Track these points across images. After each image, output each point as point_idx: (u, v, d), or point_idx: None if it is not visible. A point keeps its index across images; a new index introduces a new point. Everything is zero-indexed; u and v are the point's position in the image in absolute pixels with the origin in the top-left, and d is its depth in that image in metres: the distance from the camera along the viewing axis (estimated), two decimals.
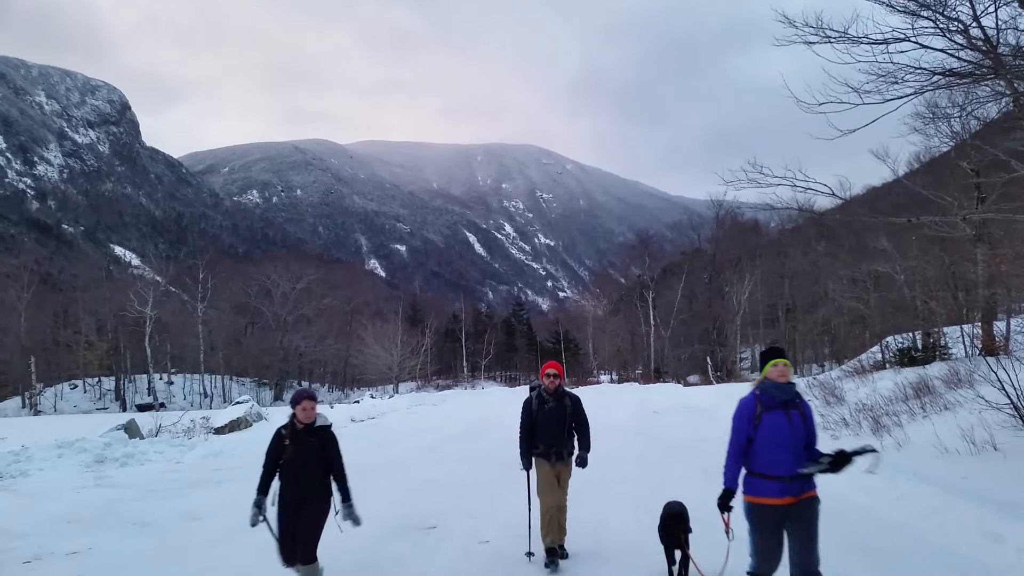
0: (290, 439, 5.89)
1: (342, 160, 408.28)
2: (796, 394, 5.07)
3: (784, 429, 4.89)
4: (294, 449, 5.85)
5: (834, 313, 47.42)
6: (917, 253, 22.58)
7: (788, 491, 4.83)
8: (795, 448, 4.88)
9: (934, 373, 15.26)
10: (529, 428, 7.02)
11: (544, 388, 6.99)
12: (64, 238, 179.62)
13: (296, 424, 5.93)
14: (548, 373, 7.03)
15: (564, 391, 7.08)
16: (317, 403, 6.10)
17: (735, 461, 5.07)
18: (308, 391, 6.26)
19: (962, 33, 9.66)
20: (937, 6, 9.66)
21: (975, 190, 17.79)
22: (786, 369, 5.02)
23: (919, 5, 9.67)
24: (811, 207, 17.23)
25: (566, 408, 6.97)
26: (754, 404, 5.02)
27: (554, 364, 7.18)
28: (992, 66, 9.56)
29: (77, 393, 63.61)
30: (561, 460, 6.97)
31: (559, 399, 6.98)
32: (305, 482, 5.85)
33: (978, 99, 12.20)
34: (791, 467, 4.84)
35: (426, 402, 32.93)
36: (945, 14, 9.66)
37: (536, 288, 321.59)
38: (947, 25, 9.64)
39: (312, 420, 5.93)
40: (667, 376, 54.29)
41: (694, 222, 68.72)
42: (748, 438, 4.99)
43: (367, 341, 62.55)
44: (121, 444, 15.59)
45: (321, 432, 5.97)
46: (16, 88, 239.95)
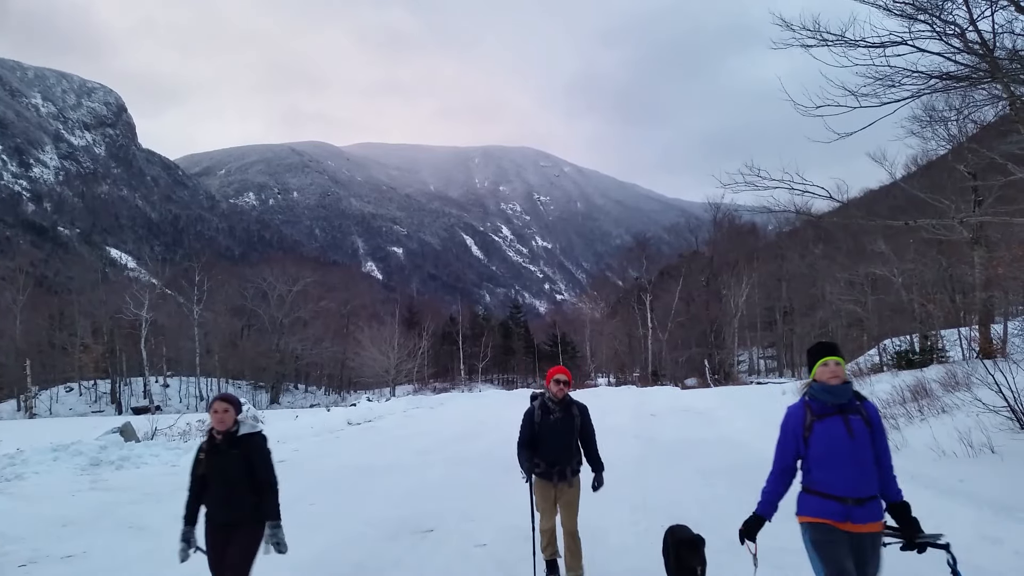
0: (207, 452, 5.02)
1: (339, 162, 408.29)
2: (856, 396, 4.28)
3: (843, 440, 4.10)
4: (213, 464, 4.97)
5: (832, 316, 47.49)
6: (914, 256, 22.63)
7: (851, 515, 4.04)
8: (860, 462, 4.08)
9: (931, 376, 15.28)
10: (530, 442, 6.24)
11: (550, 396, 6.24)
12: (60, 240, 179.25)
13: (214, 434, 5.04)
14: (557, 379, 6.21)
15: (571, 400, 6.31)
16: (239, 407, 5.14)
17: (778, 483, 4.32)
18: (224, 393, 5.36)
19: (959, 36, 9.67)
20: (934, 10, 9.68)
21: (972, 193, 17.82)
22: (839, 368, 4.23)
23: (916, 8, 9.69)
24: (808, 210, 17.25)
25: (574, 419, 6.22)
26: (803, 412, 4.26)
27: (563, 370, 6.34)
28: (989, 69, 9.58)
29: (72, 396, 63.42)
30: (564, 480, 6.22)
31: (566, 409, 6.23)
32: (233, 503, 4.95)
33: (975, 102, 12.23)
34: (856, 486, 4.05)
35: (423, 405, 32.87)
36: (942, 17, 9.68)
37: (533, 291, 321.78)
38: (944, 28, 9.66)
39: (231, 427, 5.00)
40: (665, 379, 54.29)
41: (691, 225, 68.83)
42: (798, 455, 4.25)
43: (364, 344, 62.49)
44: (117, 447, 15.52)
45: (247, 441, 5.04)
46: (12, 90, 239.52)
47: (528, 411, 6.34)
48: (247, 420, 5.14)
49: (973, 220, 15.47)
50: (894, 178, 18.32)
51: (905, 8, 9.73)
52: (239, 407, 5.13)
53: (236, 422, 5.05)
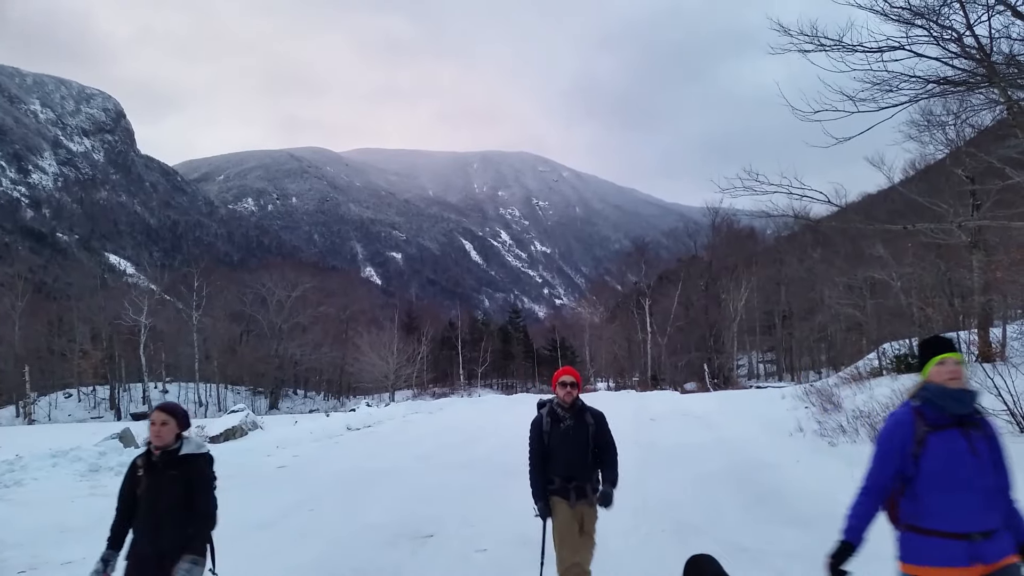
0: (144, 470, 4.27)
1: (338, 168, 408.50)
2: (978, 406, 3.41)
3: (965, 459, 3.23)
4: (148, 484, 4.22)
5: (831, 320, 47.54)
6: (913, 260, 22.65)
7: (980, 555, 3.17)
8: (984, 488, 3.23)
9: None
10: (541, 456, 5.45)
11: (558, 402, 5.51)
12: (58, 246, 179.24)
13: (151, 450, 4.29)
14: (564, 382, 5.51)
15: (584, 405, 5.55)
16: (184, 421, 4.41)
17: (869, 503, 3.43)
18: (165, 403, 4.55)
19: (956, 42, 9.71)
20: (931, 15, 9.72)
21: (970, 197, 17.86)
22: (960, 369, 3.36)
23: (913, 14, 9.73)
24: (807, 214, 17.25)
25: (588, 427, 5.45)
26: (913, 422, 3.35)
27: (570, 370, 5.63)
28: (986, 74, 9.61)
29: (71, 402, 63.35)
30: (584, 498, 5.41)
31: (578, 415, 5.46)
32: (163, 533, 4.17)
33: (972, 107, 12.28)
34: (982, 517, 3.21)
35: (422, 410, 32.86)
36: (939, 23, 9.73)
37: (533, 296, 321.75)
38: (941, 34, 9.70)
39: (171, 443, 4.26)
40: (664, 383, 54.29)
41: (690, 229, 68.90)
42: (902, 475, 3.36)
43: (363, 349, 62.45)
44: (116, 453, 15.51)
45: (189, 463, 4.27)
46: (10, 96, 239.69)
47: (535, 420, 5.58)
48: (192, 438, 4.44)
49: (971, 224, 15.50)
50: (892, 182, 18.34)
51: (902, 13, 9.77)
52: (184, 420, 4.42)
53: (179, 438, 4.32)
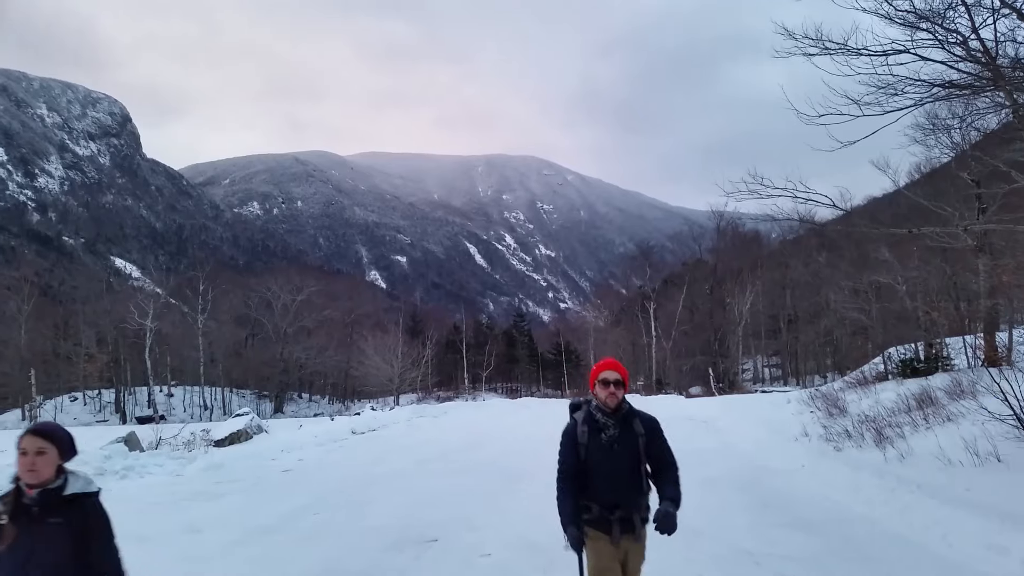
0: (11, 516, 2.96)
1: (343, 172, 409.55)
2: None
3: None
4: (16, 539, 2.93)
5: (836, 324, 47.43)
6: (918, 264, 22.60)
7: None
8: None
9: (936, 384, 15.23)
10: (575, 476, 4.09)
11: (598, 405, 4.10)
12: (65, 250, 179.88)
13: (20, 489, 3.01)
14: (606, 379, 4.06)
15: (632, 409, 4.12)
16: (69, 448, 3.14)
17: None
18: (40, 425, 3.17)
19: (961, 45, 9.68)
20: (936, 18, 9.69)
21: (976, 201, 17.80)
22: None
23: (918, 17, 9.71)
24: (812, 218, 17.23)
25: (637, 439, 4.06)
26: None
27: (614, 364, 4.16)
28: (991, 78, 9.58)
29: (77, 405, 63.50)
30: (631, 531, 4.03)
31: (625, 423, 4.08)
32: None
33: (978, 110, 12.25)
34: None
35: (427, 414, 32.86)
36: (944, 26, 9.70)
37: (537, 299, 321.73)
38: (946, 37, 9.67)
39: (50, 481, 3.03)
40: (669, 387, 54.21)
41: (695, 232, 68.81)
42: None
43: (367, 353, 62.50)
44: (121, 457, 15.52)
45: (77, 506, 3.07)
46: (17, 101, 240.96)
47: (568, 429, 4.17)
48: (79, 472, 3.17)
49: (977, 228, 15.45)
50: (897, 186, 18.29)
51: (907, 17, 9.75)
52: (68, 448, 3.15)
53: (61, 472, 3.07)
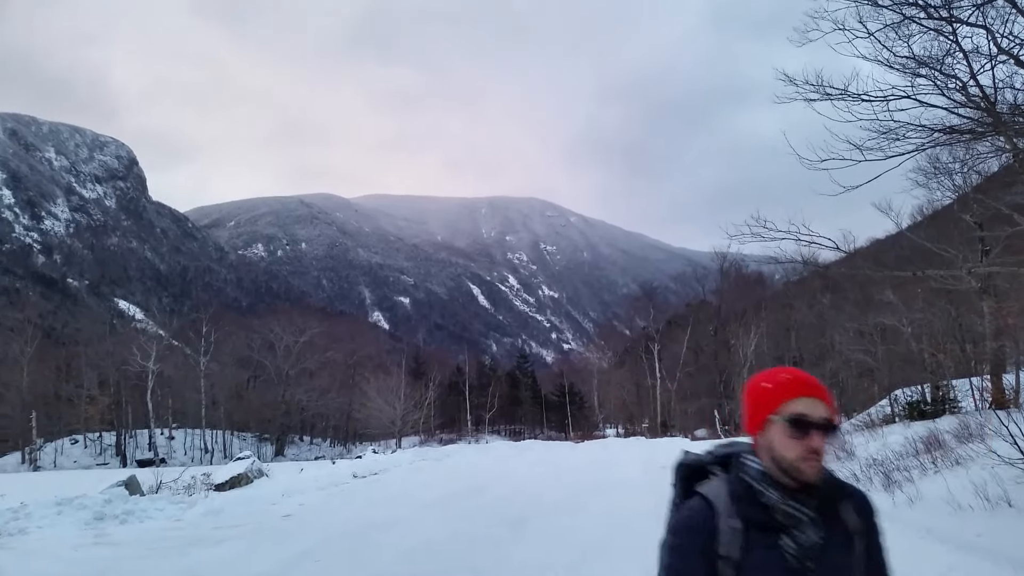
0: None
1: (347, 214, 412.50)
2: None
3: None
4: None
5: (841, 366, 47.14)
6: (923, 306, 22.55)
7: None
8: None
9: (944, 427, 15.09)
10: None
11: (769, 469, 1.90)
12: (69, 292, 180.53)
13: None
14: (802, 418, 1.84)
15: (837, 481, 1.98)
16: None
17: None
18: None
19: (960, 91, 9.81)
20: (935, 64, 9.84)
21: (979, 243, 17.84)
22: None
23: (917, 63, 9.85)
24: (815, 260, 17.28)
25: (851, 546, 1.90)
26: None
27: (813, 384, 1.90)
28: (992, 123, 9.68)
29: (78, 448, 63.03)
30: None
31: (829, 512, 1.90)
32: None
33: (979, 154, 12.35)
34: None
35: (429, 457, 32.55)
36: (943, 72, 9.84)
37: (540, 340, 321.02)
38: (945, 83, 9.81)
39: None
40: (674, 430, 53.77)
41: (698, 274, 68.89)
42: None
43: (370, 395, 62.20)
44: (121, 501, 15.38)
45: None
46: (26, 144, 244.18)
47: (686, 522, 2.02)
48: None
49: (981, 271, 15.47)
50: (900, 228, 18.36)
51: (907, 63, 9.90)
52: None
53: None
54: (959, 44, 9.71)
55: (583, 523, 11.52)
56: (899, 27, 9.87)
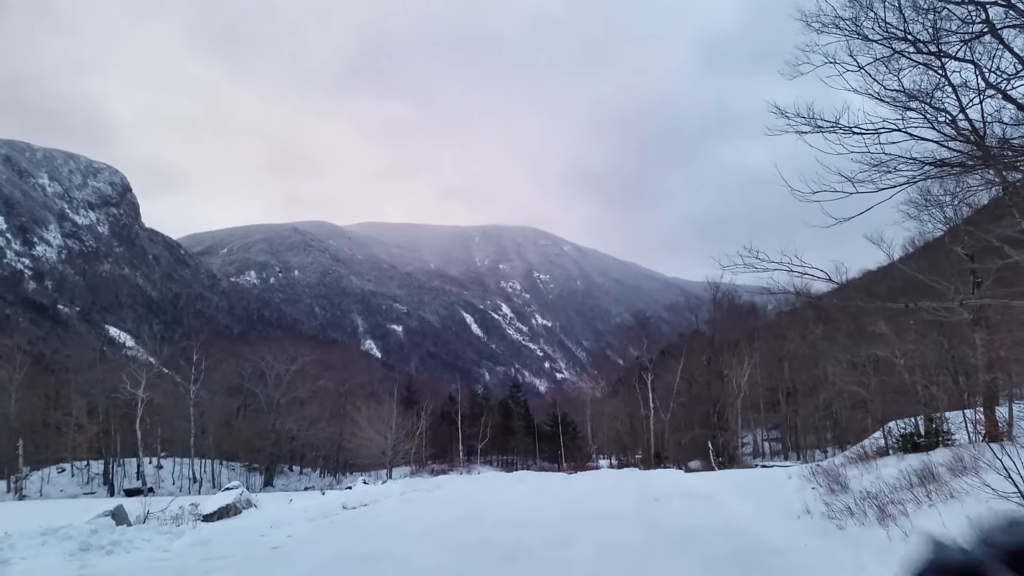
0: None
1: (341, 241, 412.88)
2: None
3: None
4: None
5: (835, 397, 47.18)
6: (916, 337, 22.59)
7: None
8: None
9: (938, 459, 15.03)
10: None
11: None
12: (59, 318, 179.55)
13: None
14: None
15: None
16: None
17: None
18: None
19: (950, 124, 9.92)
20: (924, 98, 9.95)
21: (971, 275, 17.92)
22: None
23: (908, 97, 9.97)
24: (808, 291, 17.32)
25: None
26: None
27: None
28: (981, 156, 9.77)
29: (64, 477, 62.27)
30: None
31: None
32: None
33: (969, 187, 12.46)
34: None
35: (420, 488, 32.22)
36: (933, 105, 9.95)
37: (533, 369, 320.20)
38: (936, 116, 9.92)
39: None
40: (668, 461, 53.47)
41: (691, 304, 69.02)
42: None
43: (361, 424, 61.73)
44: (108, 531, 15.14)
45: None
46: (20, 170, 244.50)
47: None
48: None
49: (973, 303, 15.52)
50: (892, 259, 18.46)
51: (897, 96, 10.01)
52: None
53: None
54: (948, 78, 9.84)
55: (576, 556, 11.38)
56: (889, 61, 10.01)
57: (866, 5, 9.91)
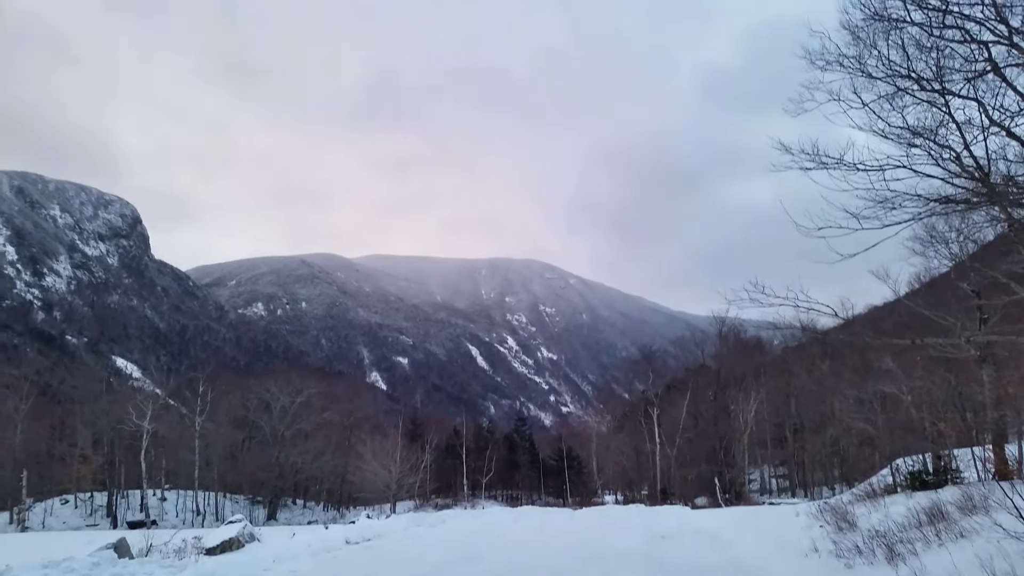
0: None
1: (348, 273, 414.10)
2: None
3: None
4: None
5: (842, 433, 46.77)
6: (922, 373, 22.50)
7: None
8: None
9: (947, 498, 14.87)
10: None
11: None
12: (67, 349, 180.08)
13: None
14: None
15: None
16: None
17: None
18: None
19: (955, 161, 9.99)
20: (929, 135, 10.04)
21: (977, 311, 17.88)
22: None
23: (912, 134, 10.06)
24: (814, 326, 17.29)
25: None
26: None
27: None
28: (987, 193, 9.82)
29: (68, 509, 61.94)
30: None
31: None
32: None
33: (975, 223, 12.50)
34: None
35: (424, 523, 31.94)
36: (937, 142, 10.03)
37: (539, 403, 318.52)
38: (940, 153, 9.99)
39: None
40: (674, 497, 52.93)
41: (697, 338, 68.82)
42: None
43: (365, 457, 61.39)
44: (110, 564, 15.08)
45: None
46: (32, 202, 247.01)
47: None
48: None
49: (980, 339, 15.46)
50: (898, 295, 18.47)
51: (901, 133, 10.10)
52: None
53: None
54: (952, 115, 9.94)
55: None
56: (893, 98, 10.12)
57: (869, 43, 10.05)
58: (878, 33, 9.91)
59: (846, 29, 10.14)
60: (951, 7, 9.22)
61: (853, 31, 10.10)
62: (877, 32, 9.92)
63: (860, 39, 10.08)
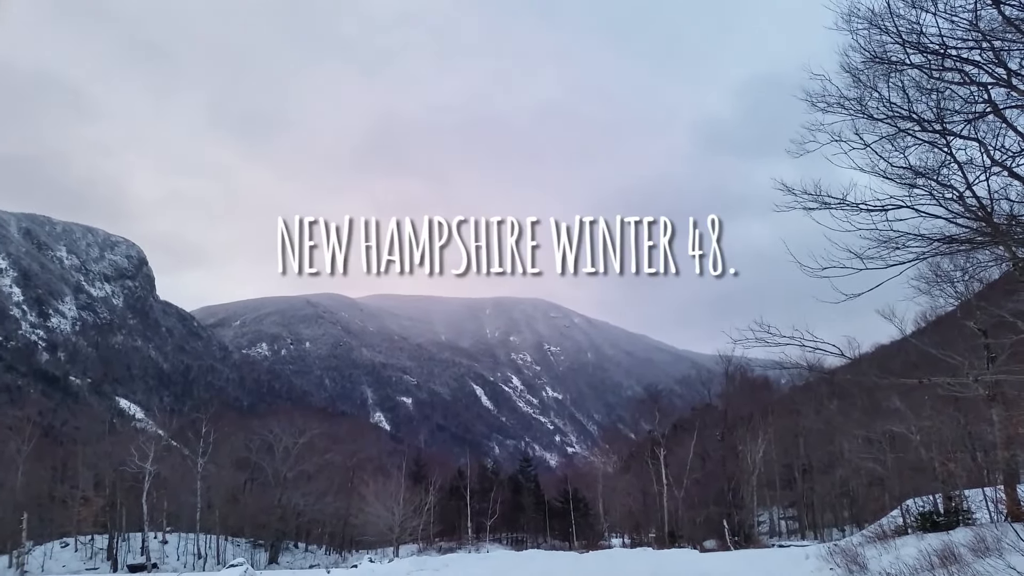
0: None
1: (352, 313, 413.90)
2: None
3: None
4: None
5: (851, 474, 46.31)
6: (931, 413, 22.31)
7: None
8: None
9: (959, 540, 14.65)
10: None
11: None
12: (70, 390, 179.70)
13: None
14: None
15: None
16: None
17: None
18: None
19: (958, 201, 10.01)
20: (931, 175, 10.09)
21: (984, 350, 17.78)
22: None
23: (914, 174, 10.11)
24: (821, 366, 17.19)
25: None
26: None
27: None
28: (990, 233, 9.83)
29: (68, 552, 61.24)
30: None
31: None
32: None
33: (980, 263, 12.48)
34: None
35: (427, 567, 31.51)
36: (939, 182, 10.08)
37: (544, 443, 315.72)
38: (942, 193, 10.03)
39: None
40: (682, 540, 52.15)
41: (703, 377, 68.31)
42: None
43: (368, 499, 60.77)
44: None
45: None
46: (39, 243, 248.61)
47: None
48: None
49: (988, 378, 15.34)
50: (904, 334, 18.38)
51: (903, 174, 10.15)
52: None
53: None
54: (953, 156, 10.00)
55: None
56: (894, 139, 10.20)
57: (870, 86, 10.15)
58: (878, 75, 10.03)
59: (847, 72, 10.26)
60: (950, 51, 9.33)
61: (854, 73, 10.22)
62: (877, 74, 10.03)
63: (861, 81, 10.19)
